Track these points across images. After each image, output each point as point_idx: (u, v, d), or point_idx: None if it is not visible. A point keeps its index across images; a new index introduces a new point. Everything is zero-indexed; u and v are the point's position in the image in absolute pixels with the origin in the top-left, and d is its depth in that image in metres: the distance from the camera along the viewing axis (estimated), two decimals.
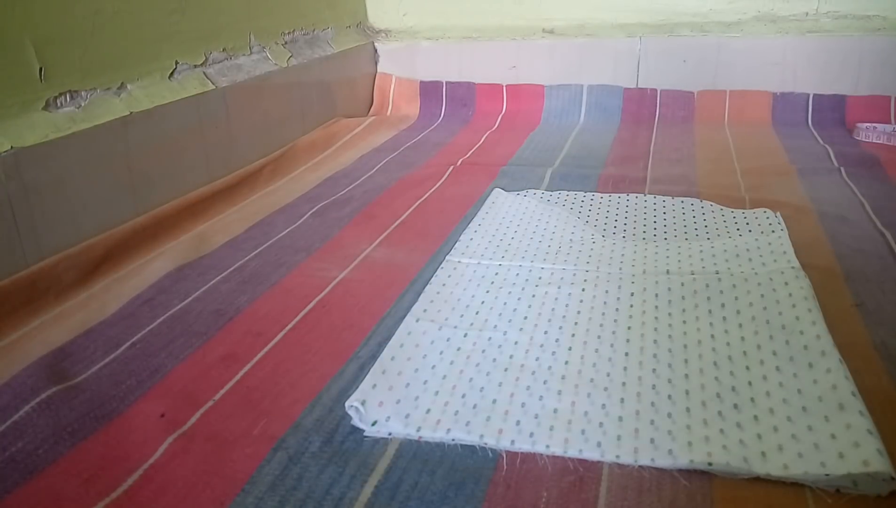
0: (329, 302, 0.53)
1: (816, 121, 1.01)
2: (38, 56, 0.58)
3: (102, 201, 0.63)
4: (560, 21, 1.15)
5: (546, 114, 1.10)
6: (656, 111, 1.07)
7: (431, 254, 0.60)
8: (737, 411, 0.37)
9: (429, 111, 1.16)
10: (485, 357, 0.44)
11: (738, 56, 1.05)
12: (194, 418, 0.39)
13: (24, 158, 0.55)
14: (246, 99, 0.84)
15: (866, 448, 0.33)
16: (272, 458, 0.36)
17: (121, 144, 0.65)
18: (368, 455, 0.36)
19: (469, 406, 0.39)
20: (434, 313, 0.49)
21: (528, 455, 0.35)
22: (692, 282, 0.52)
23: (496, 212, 0.68)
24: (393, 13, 1.22)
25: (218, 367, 0.44)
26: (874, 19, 1.02)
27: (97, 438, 0.38)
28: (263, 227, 0.68)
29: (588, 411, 0.38)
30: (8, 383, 0.42)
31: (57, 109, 0.60)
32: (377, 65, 1.22)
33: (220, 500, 0.33)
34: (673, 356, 0.43)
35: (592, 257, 0.57)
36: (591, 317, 0.48)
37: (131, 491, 0.34)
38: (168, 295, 0.54)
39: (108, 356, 0.46)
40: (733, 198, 0.70)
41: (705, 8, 1.08)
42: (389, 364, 0.43)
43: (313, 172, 0.87)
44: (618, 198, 0.72)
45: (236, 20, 0.86)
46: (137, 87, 0.69)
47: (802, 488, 0.32)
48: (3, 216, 0.53)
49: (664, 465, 0.34)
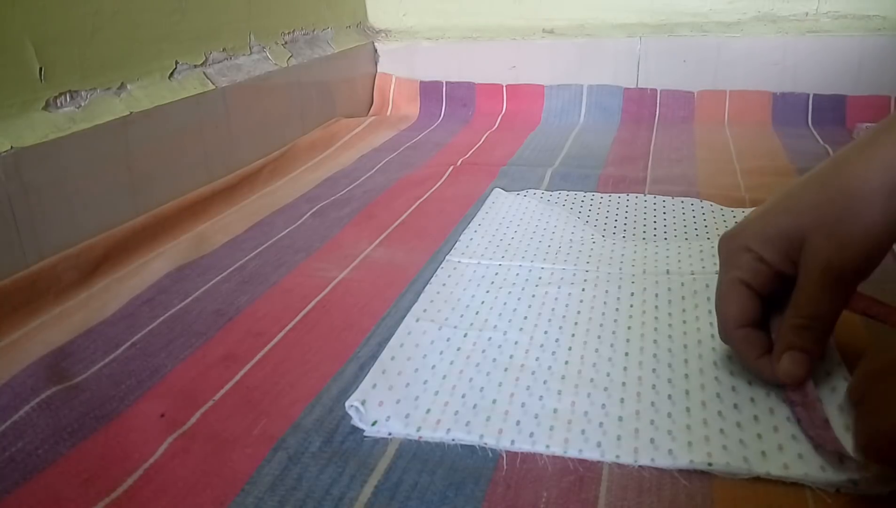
0: (329, 302, 0.53)
1: (816, 121, 1.01)
2: (38, 56, 0.58)
3: (102, 201, 0.63)
4: (560, 21, 1.15)
5: (546, 114, 1.10)
6: (656, 111, 1.07)
7: (431, 254, 0.60)
8: (737, 410, 0.37)
9: (429, 111, 1.16)
10: (485, 357, 0.44)
11: (738, 56, 1.05)
12: (194, 418, 0.39)
13: (24, 158, 0.55)
14: (246, 99, 0.84)
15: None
16: (272, 458, 0.36)
17: (121, 144, 0.65)
18: (368, 455, 0.36)
19: (469, 406, 0.39)
20: (434, 313, 0.49)
21: (527, 455, 0.35)
22: (692, 282, 0.52)
23: (496, 212, 0.68)
24: (393, 13, 1.22)
25: (218, 367, 0.45)
26: (874, 19, 1.02)
27: (97, 438, 0.38)
28: (263, 227, 0.68)
29: (588, 411, 0.38)
30: (8, 383, 0.42)
31: (57, 109, 0.60)
32: (377, 65, 1.22)
33: (220, 500, 0.33)
34: (673, 356, 0.43)
35: (592, 257, 0.57)
36: (591, 317, 0.48)
37: (131, 491, 0.34)
38: (168, 295, 0.54)
39: (108, 356, 0.46)
40: (733, 198, 0.70)
41: (705, 8, 1.08)
42: (389, 364, 0.43)
43: (313, 172, 0.87)
44: (618, 198, 0.72)
45: (236, 20, 0.86)
46: (137, 87, 0.69)
47: (802, 488, 0.32)
48: (3, 216, 0.53)
49: (664, 465, 0.34)
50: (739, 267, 0.37)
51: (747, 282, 0.37)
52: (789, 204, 0.36)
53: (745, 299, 0.37)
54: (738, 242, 0.38)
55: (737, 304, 0.38)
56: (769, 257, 0.36)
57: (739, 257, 0.37)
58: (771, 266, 0.36)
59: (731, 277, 0.38)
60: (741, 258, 0.37)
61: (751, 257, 0.37)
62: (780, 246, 0.36)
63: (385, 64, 1.22)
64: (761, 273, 0.37)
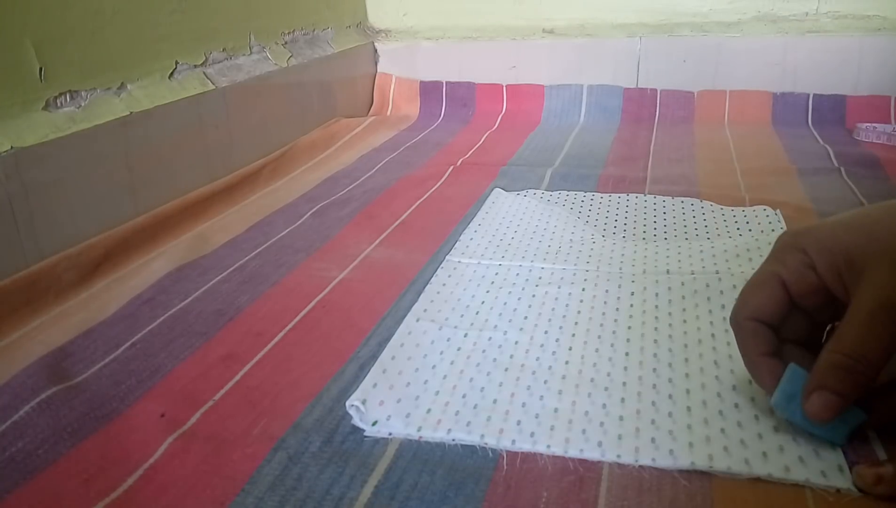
0: (329, 302, 0.53)
1: (816, 121, 1.01)
2: (38, 56, 0.58)
3: (102, 201, 0.63)
4: (560, 21, 1.15)
5: (546, 114, 1.10)
6: (656, 111, 1.07)
7: (431, 254, 0.60)
8: (737, 410, 0.37)
9: (429, 111, 1.16)
10: (485, 357, 0.44)
11: (738, 56, 1.05)
12: (194, 418, 0.39)
13: (24, 158, 0.55)
14: (246, 99, 0.84)
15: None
16: (272, 458, 0.36)
17: (121, 144, 0.65)
18: (368, 455, 0.36)
19: (470, 406, 0.39)
20: (434, 312, 0.49)
21: (528, 454, 0.35)
22: (692, 282, 0.52)
23: (496, 212, 0.68)
24: (393, 13, 1.22)
25: (218, 367, 0.44)
26: (874, 19, 1.02)
27: (97, 438, 0.38)
28: (263, 227, 0.68)
29: (589, 410, 0.38)
30: (8, 383, 0.42)
31: (57, 109, 0.60)
32: (377, 65, 1.22)
33: (220, 500, 0.33)
34: (673, 355, 0.43)
35: (592, 257, 0.57)
36: (592, 317, 0.48)
37: (131, 491, 0.34)
38: (168, 295, 0.54)
39: (108, 356, 0.46)
40: (733, 198, 0.70)
41: (705, 8, 1.08)
42: (390, 364, 0.43)
43: (313, 172, 0.87)
44: (618, 198, 0.72)
45: (236, 20, 0.86)
46: (137, 87, 0.69)
47: (802, 488, 0.32)
48: (3, 216, 0.53)
49: (665, 465, 0.34)
50: (785, 264, 0.35)
51: (786, 281, 0.35)
52: (865, 224, 0.33)
53: (773, 296, 0.35)
54: (798, 240, 0.35)
55: (762, 296, 0.35)
56: (821, 267, 0.33)
57: (791, 254, 0.35)
58: (820, 278, 0.34)
59: (772, 270, 0.35)
60: (792, 257, 0.35)
61: (801, 260, 0.34)
62: (836, 262, 0.33)
63: (385, 64, 1.22)
64: (806, 280, 0.34)
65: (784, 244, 0.36)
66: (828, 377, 0.32)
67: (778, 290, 0.35)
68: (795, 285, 0.35)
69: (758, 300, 0.35)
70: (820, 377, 0.32)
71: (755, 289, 0.36)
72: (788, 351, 0.36)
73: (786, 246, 0.35)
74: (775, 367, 0.35)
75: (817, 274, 0.34)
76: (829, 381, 0.32)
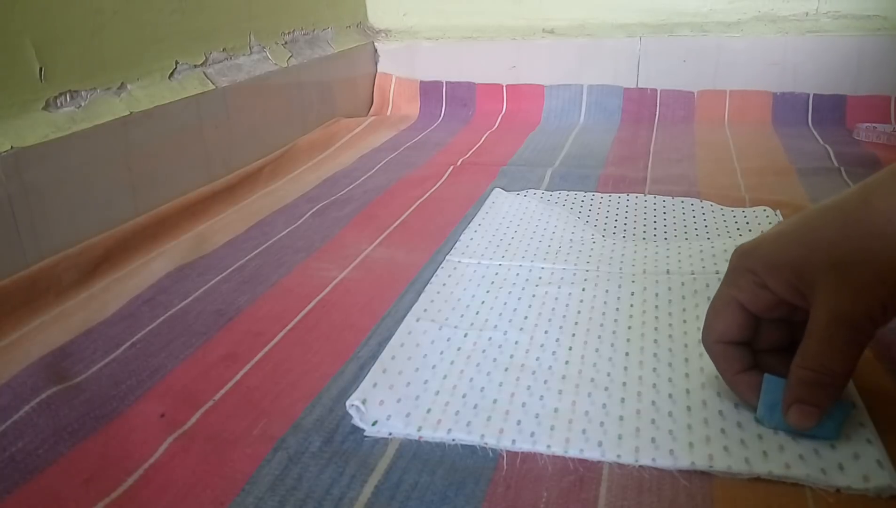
0: (329, 302, 0.53)
1: (816, 121, 1.01)
2: (38, 56, 0.58)
3: (102, 201, 0.63)
4: (560, 21, 1.15)
5: (546, 114, 1.10)
6: (656, 111, 1.07)
7: (431, 254, 0.60)
8: (738, 410, 0.37)
9: (429, 111, 1.16)
10: (485, 357, 0.44)
11: (738, 56, 1.06)
12: (194, 418, 0.39)
13: (24, 158, 0.55)
14: (246, 99, 0.84)
15: (866, 460, 0.33)
16: (272, 458, 0.36)
17: (121, 144, 0.65)
18: (368, 455, 0.36)
19: (470, 406, 0.39)
20: (434, 312, 0.49)
21: (528, 454, 0.35)
22: (692, 282, 0.52)
23: (496, 212, 0.68)
24: (393, 13, 1.22)
25: (218, 367, 0.44)
26: (874, 19, 1.02)
27: (97, 438, 0.38)
28: (263, 227, 0.68)
29: (589, 410, 0.38)
30: (8, 383, 0.42)
31: (57, 109, 0.60)
32: (377, 65, 1.22)
33: (220, 500, 0.33)
34: (673, 355, 0.43)
35: (592, 257, 0.57)
36: (592, 317, 0.48)
37: (131, 491, 0.34)
38: (168, 295, 0.54)
39: (108, 356, 0.46)
40: (733, 198, 0.70)
41: (705, 8, 1.08)
42: (390, 363, 0.43)
43: (313, 172, 0.87)
44: (618, 198, 0.72)
45: (236, 20, 0.86)
46: (137, 87, 0.69)
47: (802, 488, 0.32)
48: (3, 216, 0.53)
49: (665, 465, 0.34)
50: (739, 287, 0.35)
51: (743, 304, 0.35)
52: (805, 235, 0.33)
53: (734, 318, 0.36)
54: (744, 262, 0.35)
55: (724, 321, 0.36)
56: (773, 285, 0.34)
57: (742, 276, 0.35)
58: (775, 294, 0.34)
59: (729, 293, 0.36)
60: (744, 279, 0.35)
61: (753, 281, 0.35)
62: (786, 277, 0.33)
63: (385, 64, 1.22)
64: (762, 299, 0.35)
65: (733, 267, 0.36)
66: (800, 391, 0.33)
67: (738, 312, 0.36)
68: (753, 304, 0.35)
69: (721, 325, 0.36)
70: (793, 393, 0.34)
71: (716, 314, 0.37)
72: (764, 361, 0.37)
73: (735, 269, 0.36)
74: (753, 381, 0.36)
75: (771, 291, 0.34)
76: (803, 395, 0.33)
